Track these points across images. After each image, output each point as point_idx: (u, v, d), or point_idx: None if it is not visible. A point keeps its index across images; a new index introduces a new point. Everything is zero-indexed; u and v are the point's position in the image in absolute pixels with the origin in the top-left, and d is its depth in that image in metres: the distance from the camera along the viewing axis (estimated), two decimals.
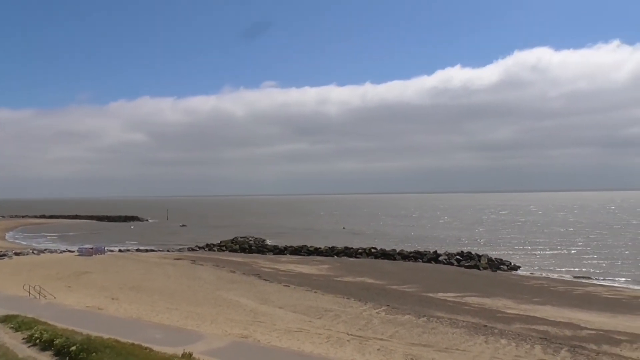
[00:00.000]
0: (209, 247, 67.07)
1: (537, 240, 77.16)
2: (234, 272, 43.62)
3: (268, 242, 73.31)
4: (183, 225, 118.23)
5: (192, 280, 38.05)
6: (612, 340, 22.70)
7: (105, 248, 59.25)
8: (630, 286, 41.22)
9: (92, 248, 56.30)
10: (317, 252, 61.37)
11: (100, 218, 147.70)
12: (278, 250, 62.99)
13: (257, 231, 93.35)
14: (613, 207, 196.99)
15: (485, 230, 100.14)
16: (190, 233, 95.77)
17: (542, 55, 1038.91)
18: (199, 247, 66.99)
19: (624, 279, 44.32)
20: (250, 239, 75.48)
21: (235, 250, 64.50)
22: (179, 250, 64.71)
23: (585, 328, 25.15)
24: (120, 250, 61.70)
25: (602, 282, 42.88)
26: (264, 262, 52.64)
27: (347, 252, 60.27)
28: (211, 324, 22.83)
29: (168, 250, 63.46)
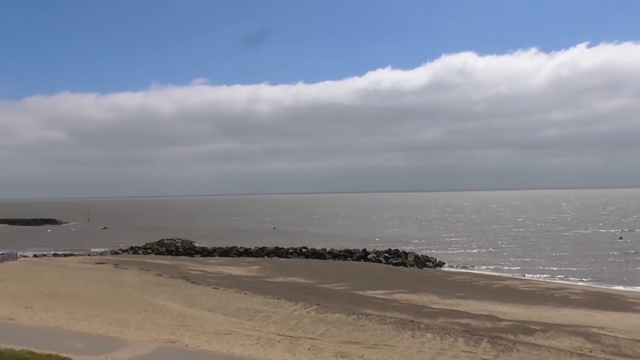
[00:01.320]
0: (134, 250, 64.43)
1: (461, 238, 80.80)
2: (160, 275, 42.17)
3: (196, 243, 71.56)
4: (105, 228, 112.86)
5: (115, 285, 36.35)
6: (527, 330, 24.14)
7: (18, 253, 55.29)
8: (544, 279, 44.20)
9: (2, 254, 52.33)
10: (247, 253, 60.70)
11: (12, 222, 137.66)
12: (207, 252, 61.66)
13: (185, 233, 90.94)
14: (530, 206, 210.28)
15: (412, 228, 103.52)
16: (113, 236, 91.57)
17: (467, 60, 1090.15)
18: (123, 250, 64.18)
19: (538, 272, 47.40)
20: (178, 241, 73.31)
21: (161, 253, 62.42)
22: (101, 254, 61.66)
23: (504, 320, 26.57)
24: (35, 256, 57.83)
25: (519, 276, 45.61)
26: (192, 265, 51.32)
27: (278, 252, 60.07)
28: (136, 329, 21.90)
29: (89, 255, 60.32)
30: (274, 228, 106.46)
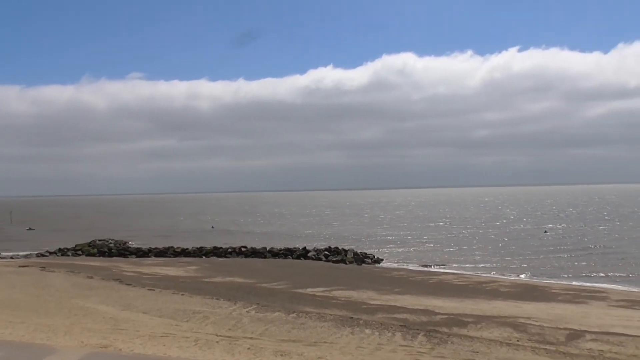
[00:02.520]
0: (62, 252, 61.23)
1: (399, 234, 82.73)
2: (91, 277, 40.25)
3: (131, 244, 69.10)
4: (30, 229, 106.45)
5: (41, 289, 34.33)
6: (460, 322, 25.04)
7: None
8: (476, 273, 46.12)
9: None
10: (184, 253, 59.26)
11: None
12: (142, 253, 59.63)
13: (119, 233, 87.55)
14: (465, 203, 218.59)
15: (353, 225, 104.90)
16: (39, 237, 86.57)
17: (407, 60, 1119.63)
18: (50, 253, 60.80)
19: (471, 267, 49.41)
20: (111, 241, 70.46)
21: (93, 255, 59.70)
22: (26, 256, 58.11)
23: (439, 313, 27.43)
24: None
25: (454, 271, 47.34)
26: (125, 266, 49.43)
27: (216, 252, 59.06)
28: (65, 335, 20.77)
29: (12, 258, 56.67)
30: (212, 227, 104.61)
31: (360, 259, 53.53)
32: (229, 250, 59.41)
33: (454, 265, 50.97)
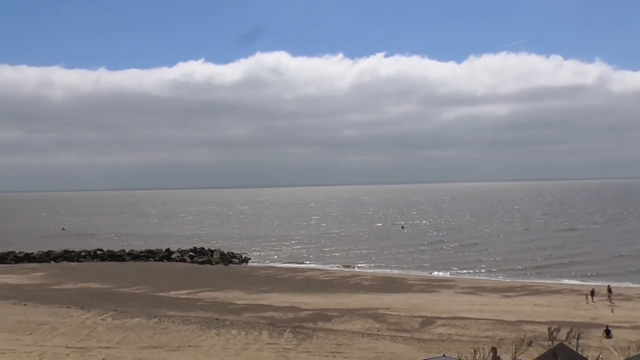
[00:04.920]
0: None
1: (268, 233, 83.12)
2: None
3: None
4: None
5: None
6: (325, 317, 25.81)
7: None
8: (341, 268, 48.02)
9: None
10: (28, 258, 53.34)
11: None
12: None
13: None
14: (333, 199, 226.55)
15: (220, 224, 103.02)
16: None
17: (281, 59, 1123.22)
18: None
19: (336, 263, 51.25)
20: None
21: None
22: None
23: (305, 309, 28.00)
24: None
25: (320, 267, 48.76)
26: None
27: (68, 256, 54.10)
28: None
29: None
30: (63, 229, 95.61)
31: (228, 259, 52.82)
32: (83, 253, 54.82)
33: (320, 261, 52.51)
